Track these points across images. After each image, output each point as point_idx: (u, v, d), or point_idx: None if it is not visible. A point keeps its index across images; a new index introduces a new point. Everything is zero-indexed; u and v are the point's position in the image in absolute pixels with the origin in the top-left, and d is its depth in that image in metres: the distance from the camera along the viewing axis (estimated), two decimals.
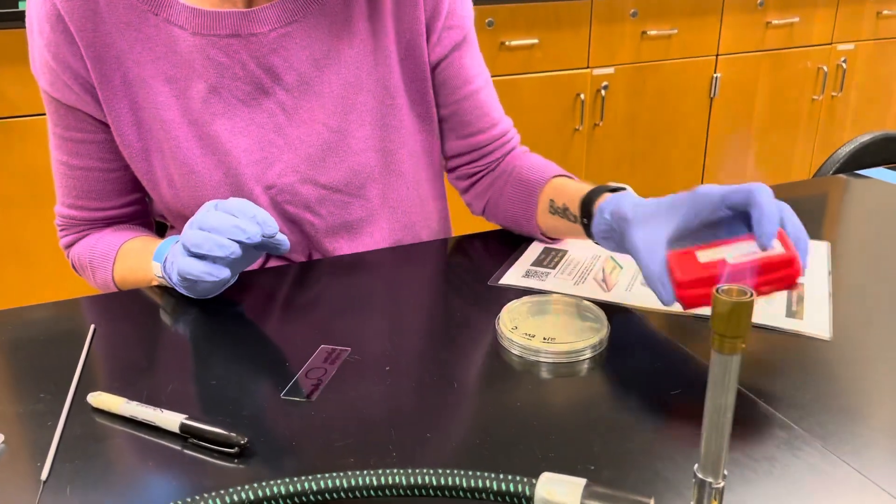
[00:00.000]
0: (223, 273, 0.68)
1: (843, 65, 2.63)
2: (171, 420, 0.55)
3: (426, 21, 0.85)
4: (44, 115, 0.84)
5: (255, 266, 0.86)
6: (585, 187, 0.78)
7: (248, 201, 0.69)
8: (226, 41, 0.78)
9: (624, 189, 0.74)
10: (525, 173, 0.89)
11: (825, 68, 2.61)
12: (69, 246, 0.90)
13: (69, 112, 0.81)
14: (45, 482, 0.51)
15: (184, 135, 0.80)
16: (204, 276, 0.67)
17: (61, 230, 0.90)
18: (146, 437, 0.55)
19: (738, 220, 0.63)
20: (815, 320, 0.70)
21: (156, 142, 0.81)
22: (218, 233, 0.67)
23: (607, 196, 0.73)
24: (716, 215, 0.63)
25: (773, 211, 0.59)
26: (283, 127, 0.83)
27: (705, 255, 0.60)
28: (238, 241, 0.67)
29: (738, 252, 0.60)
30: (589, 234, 0.76)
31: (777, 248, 0.59)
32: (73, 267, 0.91)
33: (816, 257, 0.83)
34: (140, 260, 0.81)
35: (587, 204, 0.75)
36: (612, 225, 0.70)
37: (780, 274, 0.59)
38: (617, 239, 0.70)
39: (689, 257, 0.61)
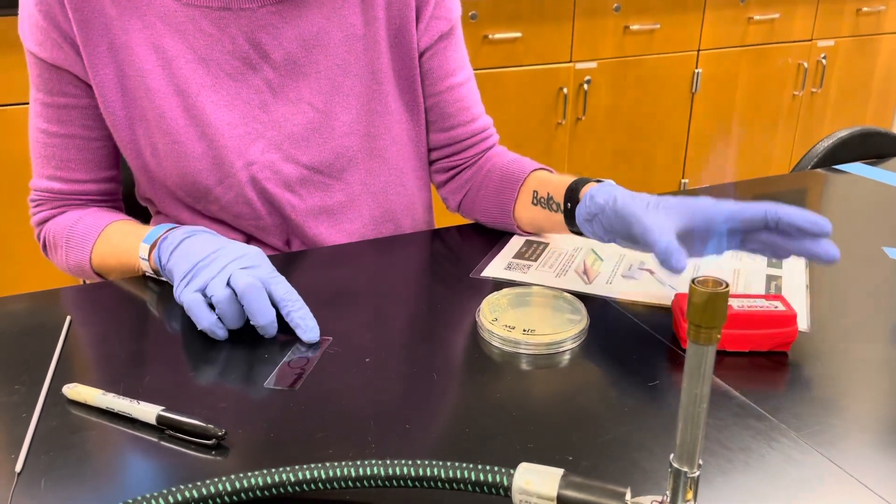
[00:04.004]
0: (223, 334, 0.65)
1: (823, 61, 2.65)
2: (148, 412, 0.54)
3: (416, 7, 0.86)
4: (24, 104, 0.83)
5: None
6: (570, 178, 0.79)
7: (267, 269, 0.67)
8: (217, 14, 0.79)
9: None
10: (506, 167, 0.89)
11: (805, 64, 2.63)
12: (42, 223, 0.87)
13: (55, 74, 0.80)
14: (19, 474, 0.50)
15: (168, 104, 0.80)
16: (211, 328, 0.65)
17: (35, 206, 0.87)
18: (122, 428, 0.55)
19: (735, 234, 0.65)
20: None
21: (140, 110, 0.81)
22: (251, 314, 0.64)
23: (595, 184, 0.74)
24: (715, 228, 0.65)
25: (800, 211, 0.62)
26: (268, 104, 0.83)
27: None
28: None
29: (745, 304, 0.65)
30: (569, 220, 0.76)
31: (779, 307, 0.64)
32: (44, 246, 0.88)
33: None
34: (125, 240, 0.79)
35: (573, 191, 0.76)
36: (605, 209, 0.69)
37: (780, 330, 0.63)
38: (605, 223, 0.70)
39: None
